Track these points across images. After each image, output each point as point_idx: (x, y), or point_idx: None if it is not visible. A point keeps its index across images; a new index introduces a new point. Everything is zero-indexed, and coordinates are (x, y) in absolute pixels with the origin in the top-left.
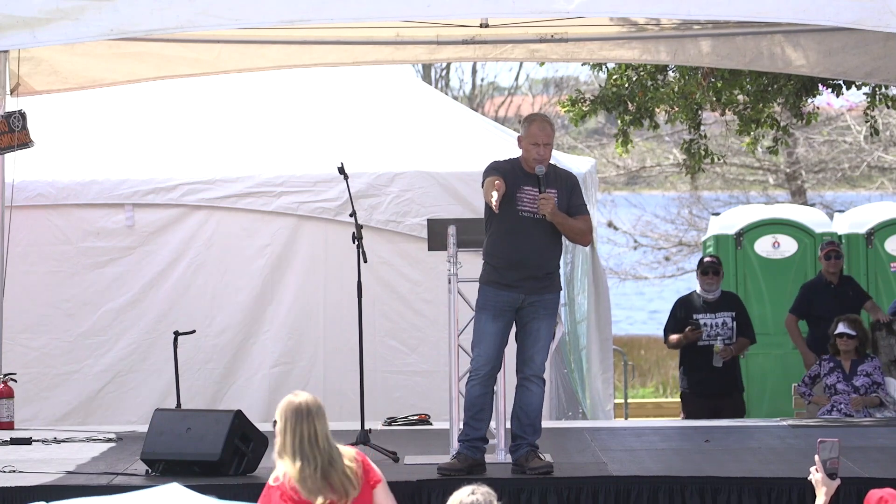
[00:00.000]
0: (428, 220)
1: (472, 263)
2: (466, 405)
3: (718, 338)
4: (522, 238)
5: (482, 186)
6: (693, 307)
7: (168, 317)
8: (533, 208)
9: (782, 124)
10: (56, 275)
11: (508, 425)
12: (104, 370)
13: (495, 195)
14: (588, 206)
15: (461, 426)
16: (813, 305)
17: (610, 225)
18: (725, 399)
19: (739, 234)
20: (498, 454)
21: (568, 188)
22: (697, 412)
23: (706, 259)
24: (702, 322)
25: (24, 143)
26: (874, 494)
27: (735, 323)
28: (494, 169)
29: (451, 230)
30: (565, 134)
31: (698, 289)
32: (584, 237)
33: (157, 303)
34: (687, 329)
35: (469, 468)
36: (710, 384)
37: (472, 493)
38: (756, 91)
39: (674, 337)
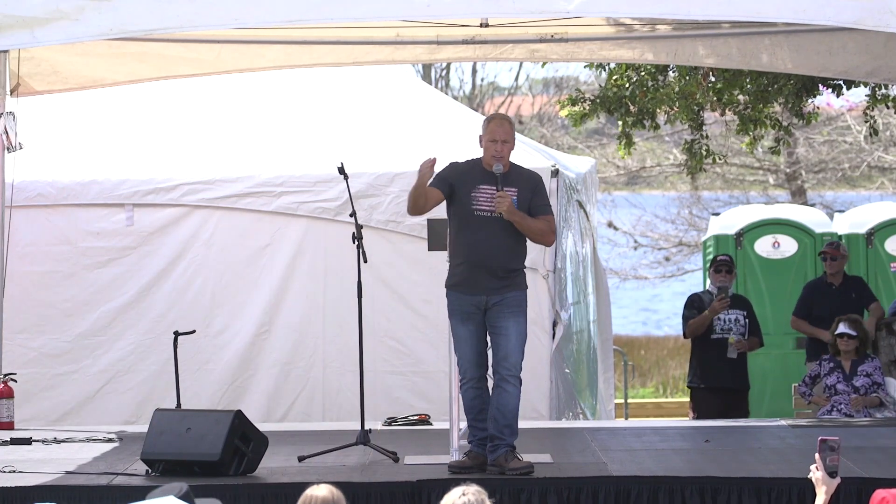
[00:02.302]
0: (428, 220)
1: None
2: (465, 409)
3: (732, 331)
4: (480, 237)
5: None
6: (705, 303)
7: (167, 317)
8: (490, 207)
9: (784, 124)
10: (55, 275)
11: None
12: (103, 370)
13: (423, 166)
14: (588, 206)
15: (461, 426)
16: (814, 306)
17: (610, 225)
18: (735, 395)
19: (739, 234)
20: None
21: (530, 188)
22: (707, 408)
23: (720, 257)
24: (715, 317)
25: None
26: (878, 494)
27: (747, 321)
28: (451, 166)
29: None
30: (565, 134)
31: (710, 287)
32: (545, 237)
33: (157, 303)
34: (716, 300)
35: (480, 465)
36: (723, 376)
37: (463, 494)
38: (756, 91)
39: (696, 319)
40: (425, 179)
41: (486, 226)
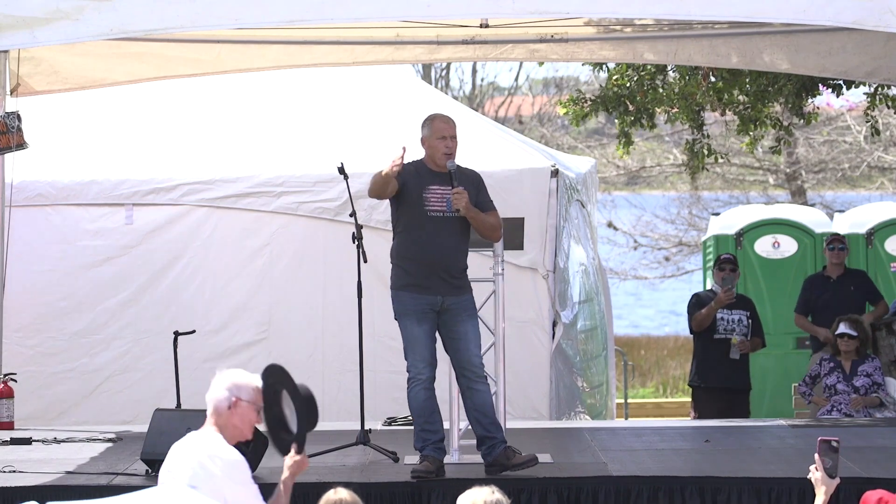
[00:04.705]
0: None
1: (472, 264)
2: (416, 412)
3: (735, 332)
4: (433, 238)
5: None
6: (709, 301)
7: (166, 316)
8: (441, 207)
9: (784, 124)
10: (52, 273)
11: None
12: (99, 369)
13: (395, 161)
14: (589, 206)
15: (461, 426)
16: (812, 299)
17: (610, 225)
18: (737, 395)
19: (739, 234)
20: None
21: (474, 186)
22: (708, 407)
23: (724, 256)
24: (719, 316)
25: (20, 144)
26: (872, 495)
27: (750, 322)
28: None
29: None
30: (565, 134)
31: (714, 286)
32: (496, 232)
33: (155, 302)
34: (721, 292)
35: (439, 469)
36: (725, 376)
37: (493, 493)
38: (756, 91)
39: (702, 312)
40: (396, 171)
41: (439, 226)
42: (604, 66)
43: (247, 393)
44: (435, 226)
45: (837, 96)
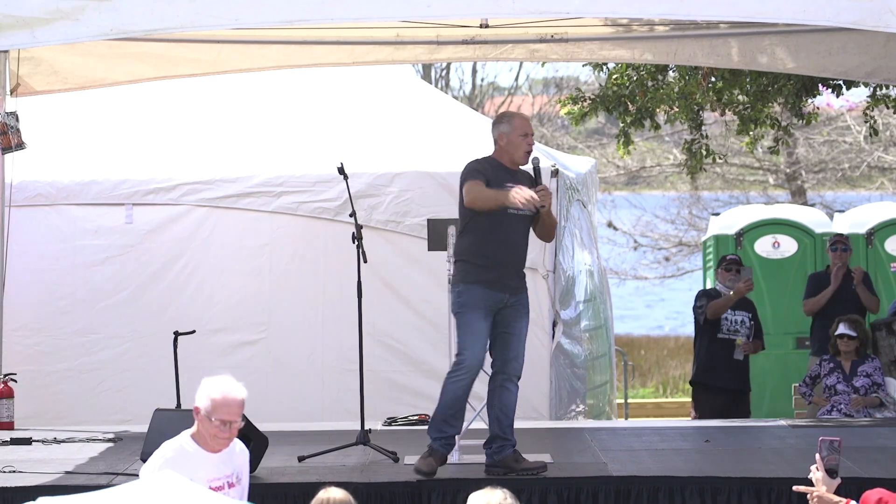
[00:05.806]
0: (428, 220)
1: None
2: (447, 403)
3: (739, 333)
4: (509, 236)
5: (462, 188)
6: (719, 296)
7: (165, 315)
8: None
9: (783, 124)
10: (52, 273)
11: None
12: (98, 368)
13: (525, 199)
14: (589, 207)
15: (462, 426)
16: (816, 295)
17: (610, 225)
18: (738, 396)
19: (739, 234)
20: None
21: (530, 184)
22: (709, 407)
23: (729, 256)
24: (722, 316)
25: (20, 144)
26: (872, 495)
27: (752, 323)
28: (477, 171)
29: (451, 230)
30: (565, 134)
31: (717, 286)
32: (554, 230)
33: (154, 302)
34: (740, 283)
35: (441, 465)
36: (726, 376)
37: (506, 498)
38: (756, 91)
39: (720, 300)
40: (509, 204)
41: (515, 224)
42: (604, 66)
43: (204, 403)
44: (512, 224)
45: (837, 96)
